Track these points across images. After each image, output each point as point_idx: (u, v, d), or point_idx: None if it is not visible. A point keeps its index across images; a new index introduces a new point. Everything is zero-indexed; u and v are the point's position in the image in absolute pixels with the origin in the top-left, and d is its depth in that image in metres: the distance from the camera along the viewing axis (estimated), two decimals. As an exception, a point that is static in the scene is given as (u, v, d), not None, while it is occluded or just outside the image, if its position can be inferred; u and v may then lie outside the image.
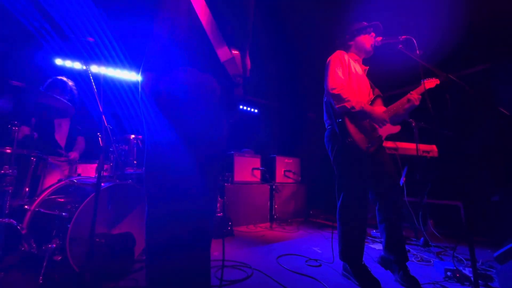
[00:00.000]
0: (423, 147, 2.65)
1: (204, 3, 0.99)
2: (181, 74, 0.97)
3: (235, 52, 1.05)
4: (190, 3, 0.98)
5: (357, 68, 1.84)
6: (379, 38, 1.80)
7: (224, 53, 0.99)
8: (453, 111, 1.46)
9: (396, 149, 2.56)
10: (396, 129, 1.81)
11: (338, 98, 1.65)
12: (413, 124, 2.60)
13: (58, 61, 3.05)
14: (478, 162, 2.97)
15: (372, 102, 1.78)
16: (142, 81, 1.00)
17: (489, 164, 2.94)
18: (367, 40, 1.82)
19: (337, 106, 1.66)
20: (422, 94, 1.78)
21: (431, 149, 2.69)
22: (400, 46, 1.68)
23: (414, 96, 1.77)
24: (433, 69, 1.57)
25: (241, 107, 4.83)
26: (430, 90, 1.77)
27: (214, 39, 0.99)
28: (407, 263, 1.65)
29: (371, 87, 1.91)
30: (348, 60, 1.80)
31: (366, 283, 1.53)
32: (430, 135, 2.82)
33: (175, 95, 0.96)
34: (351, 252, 1.65)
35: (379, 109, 1.76)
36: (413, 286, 1.51)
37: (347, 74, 1.76)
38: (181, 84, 0.97)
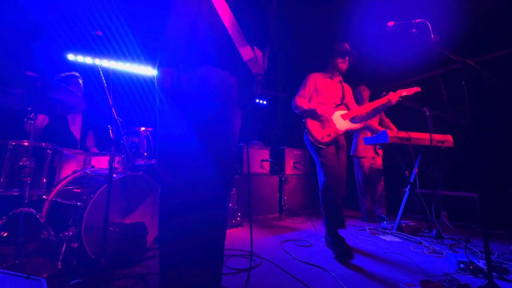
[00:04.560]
0: (437, 137, 2.55)
1: (225, 3, 0.99)
2: (201, 72, 0.98)
3: (258, 52, 1.06)
4: (211, 2, 0.98)
5: (328, 83, 2.32)
6: (391, 23, 1.72)
7: (247, 52, 1.01)
8: (470, 99, 1.39)
9: (408, 139, 2.49)
10: (356, 126, 2.24)
11: (295, 107, 2.28)
12: (427, 113, 2.51)
13: (70, 56, 3.11)
14: (496, 152, 2.85)
15: (336, 108, 2.26)
16: (160, 77, 1.01)
17: (507, 154, 2.81)
18: (341, 64, 2.28)
19: (296, 112, 2.29)
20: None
21: (446, 139, 2.59)
22: (414, 30, 1.60)
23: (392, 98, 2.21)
24: (449, 54, 1.49)
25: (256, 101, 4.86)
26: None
27: (236, 38, 1.00)
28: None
29: (342, 95, 2.36)
30: (317, 79, 2.31)
31: (342, 248, 1.86)
32: (446, 124, 2.72)
33: (194, 92, 0.98)
34: (330, 223, 2.06)
35: (340, 112, 2.25)
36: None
37: (312, 90, 2.30)
38: (200, 81, 0.98)
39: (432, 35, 1.51)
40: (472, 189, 2.91)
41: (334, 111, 2.23)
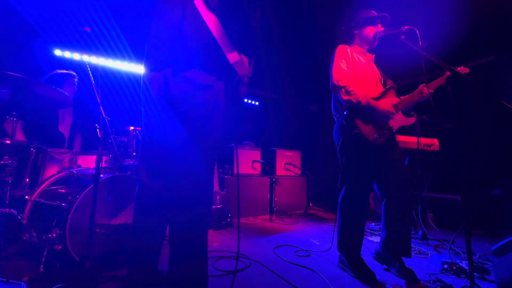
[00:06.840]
0: (424, 140, 2.62)
1: (206, 10, 1.02)
2: (188, 75, 1.01)
3: (244, 57, 1.10)
4: (197, 9, 1.01)
5: (362, 59, 1.81)
6: (381, 29, 1.76)
7: (233, 56, 1.05)
8: (455, 104, 1.44)
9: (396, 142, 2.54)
10: (411, 120, 1.77)
11: (345, 90, 1.63)
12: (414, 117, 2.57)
13: (57, 52, 3.02)
14: (479, 156, 2.95)
15: (384, 94, 1.73)
16: (147, 82, 1.03)
17: (491, 158, 2.92)
18: (372, 32, 1.78)
19: (344, 98, 1.63)
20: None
21: (433, 143, 2.66)
22: (403, 37, 1.64)
23: (426, 90, 1.72)
24: (435, 61, 1.54)
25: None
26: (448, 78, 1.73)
27: (223, 43, 1.02)
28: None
29: (381, 76, 1.87)
30: (351, 53, 1.76)
31: (361, 275, 1.54)
32: (432, 129, 2.80)
33: (182, 95, 1.00)
34: (349, 244, 1.66)
35: (391, 100, 1.71)
36: (410, 277, 1.53)
37: (351, 66, 1.72)
38: (188, 85, 1.00)
39: (420, 41, 1.56)
40: (456, 191, 3.00)
41: (385, 99, 1.69)
